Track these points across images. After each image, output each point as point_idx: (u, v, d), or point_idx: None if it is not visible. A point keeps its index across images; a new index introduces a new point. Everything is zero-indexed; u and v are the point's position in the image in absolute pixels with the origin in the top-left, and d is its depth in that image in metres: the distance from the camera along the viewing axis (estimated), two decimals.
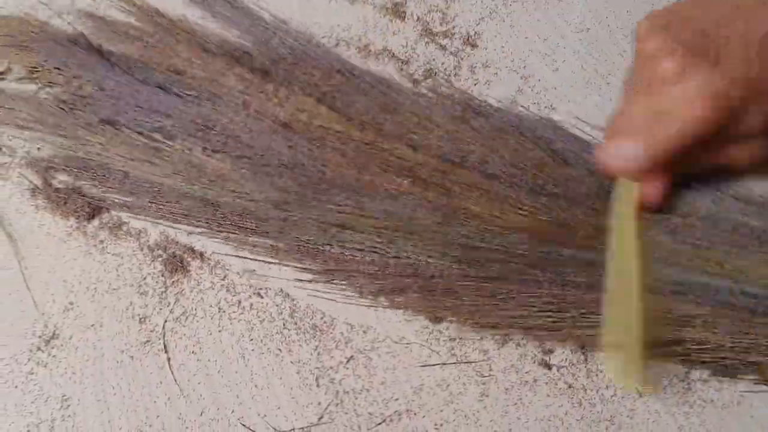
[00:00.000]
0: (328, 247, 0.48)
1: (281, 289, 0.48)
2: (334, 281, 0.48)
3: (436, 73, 0.55)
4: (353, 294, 0.47)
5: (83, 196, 0.51)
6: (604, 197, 0.46)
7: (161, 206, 0.50)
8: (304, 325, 0.47)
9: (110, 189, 0.51)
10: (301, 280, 0.48)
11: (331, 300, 0.47)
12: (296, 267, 0.48)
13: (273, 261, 0.49)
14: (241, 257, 0.49)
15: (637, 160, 0.41)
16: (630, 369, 0.42)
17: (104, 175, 0.51)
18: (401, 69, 0.56)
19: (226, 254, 0.49)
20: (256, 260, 0.49)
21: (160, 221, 0.50)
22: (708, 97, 0.38)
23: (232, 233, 0.49)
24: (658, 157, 0.41)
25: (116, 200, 0.51)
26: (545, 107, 0.54)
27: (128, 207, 0.50)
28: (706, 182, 0.47)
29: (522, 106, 0.53)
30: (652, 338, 0.42)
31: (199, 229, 0.50)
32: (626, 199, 0.44)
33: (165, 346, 0.47)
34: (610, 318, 0.43)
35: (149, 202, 0.50)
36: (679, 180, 0.45)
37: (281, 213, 0.48)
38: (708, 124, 0.39)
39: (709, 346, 0.44)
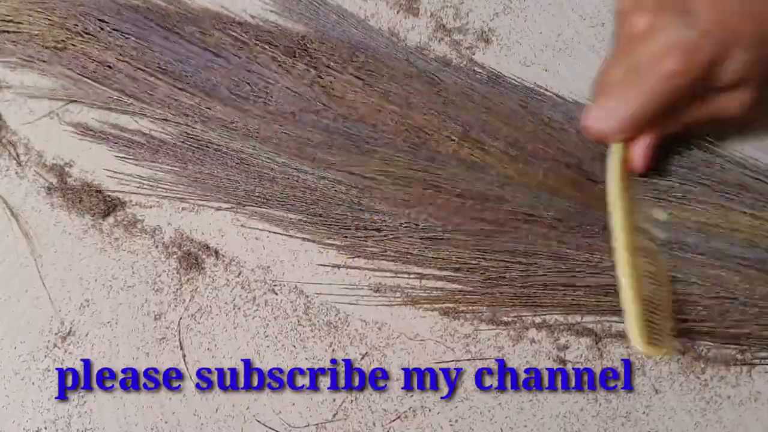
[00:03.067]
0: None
1: (296, 286, 0.48)
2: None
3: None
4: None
5: (99, 192, 0.51)
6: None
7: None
8: (318, 321, 0.47)
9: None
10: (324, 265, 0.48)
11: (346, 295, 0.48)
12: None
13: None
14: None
15: (616, 120, 0.39)
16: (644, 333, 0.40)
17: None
18: None
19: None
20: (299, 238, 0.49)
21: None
22: (677, 52, 0.36)
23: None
24: (636, 115, 0.39)
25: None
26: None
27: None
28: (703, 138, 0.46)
29: (538, 98, 0.53)
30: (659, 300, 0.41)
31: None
32: (615, 163, 0.42)
33: (180, 343, 0.47)
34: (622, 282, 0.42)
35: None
36: (671, 137, 0.43)
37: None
38: (681, 77, 0.37)
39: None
